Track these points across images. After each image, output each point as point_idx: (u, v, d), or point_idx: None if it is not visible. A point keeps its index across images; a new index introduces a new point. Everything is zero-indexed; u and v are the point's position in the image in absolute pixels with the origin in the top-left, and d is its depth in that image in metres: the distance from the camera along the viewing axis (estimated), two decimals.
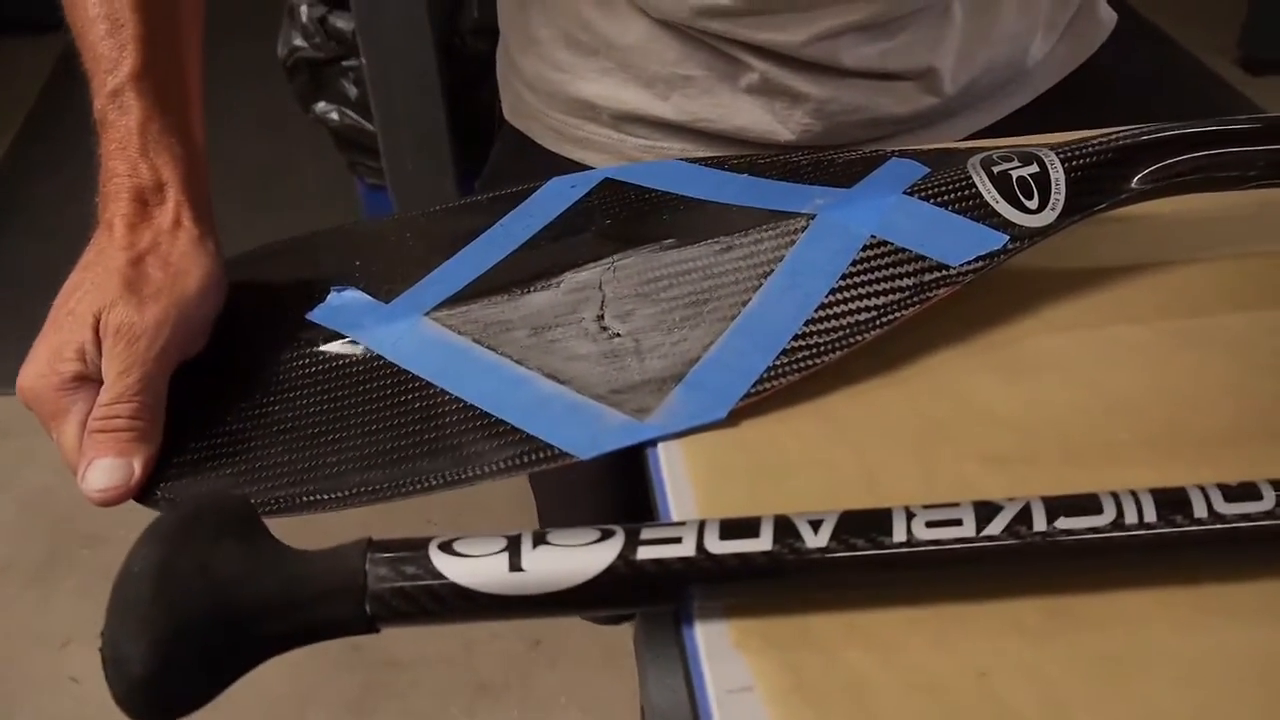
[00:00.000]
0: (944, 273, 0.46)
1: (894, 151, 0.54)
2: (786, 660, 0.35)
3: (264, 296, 0.54)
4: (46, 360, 0.47)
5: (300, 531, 0.39)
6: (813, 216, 0.48)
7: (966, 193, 0.48)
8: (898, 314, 0.46)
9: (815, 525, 0.35)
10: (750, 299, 0.46)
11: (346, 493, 0.44)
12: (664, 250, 0.48)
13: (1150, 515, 0.36)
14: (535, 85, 0.72)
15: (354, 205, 1.84)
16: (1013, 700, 0.34)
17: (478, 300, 0.48)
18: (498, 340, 0.47)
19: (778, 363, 0.44)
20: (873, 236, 0.47)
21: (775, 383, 0.44)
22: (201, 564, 0.34)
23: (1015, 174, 0.48)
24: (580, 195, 0.55)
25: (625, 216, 0.53)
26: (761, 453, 0.43)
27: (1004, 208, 0.47)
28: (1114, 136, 0.49)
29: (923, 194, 0.48)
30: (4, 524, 1.57)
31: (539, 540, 0.35)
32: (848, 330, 0.45)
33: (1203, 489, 0.36)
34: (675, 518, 0.40)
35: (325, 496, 0.44)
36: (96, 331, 0.46)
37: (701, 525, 0.35)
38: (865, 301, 0.46)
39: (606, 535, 0.35)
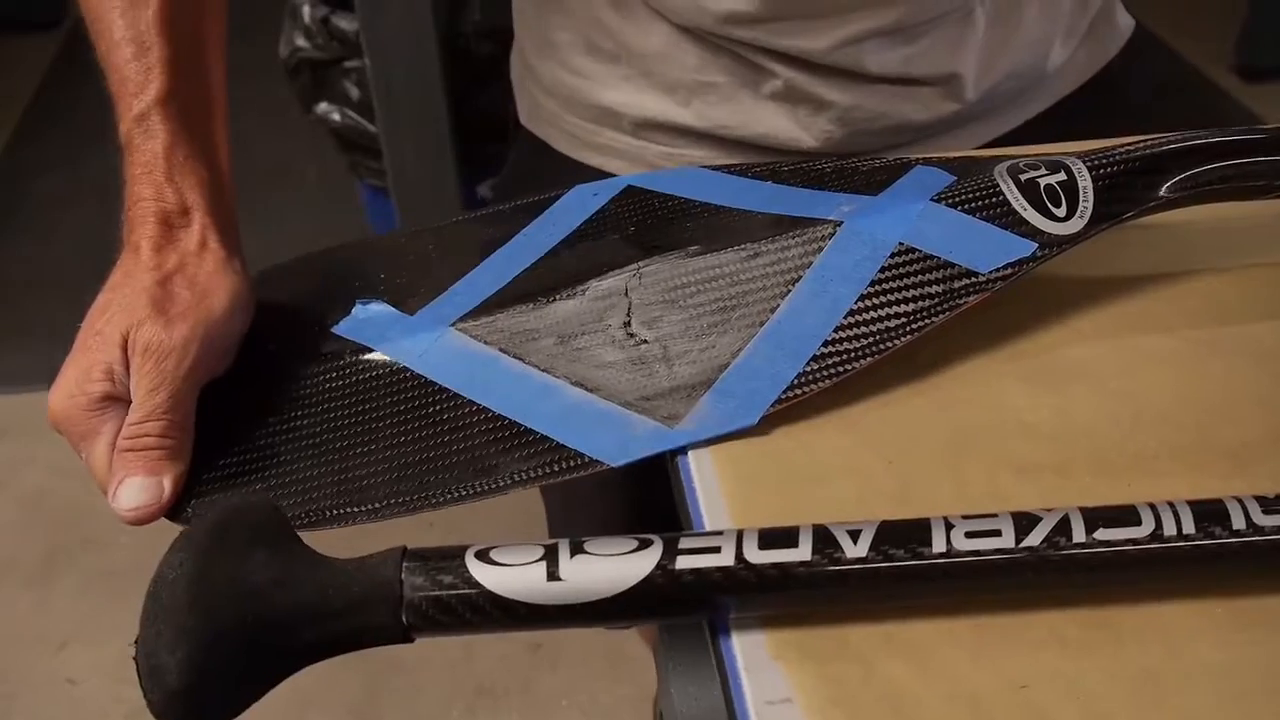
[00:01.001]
0: (973, 280, 0.46)
1: (919, 159, 0.54)
2: (825, 672, 0.35)
3: (289, 312, 0.54)
4: (75, 381, 0.46)
5: (318, 539, 0.38)
6: (839, 224, 0.48)
7: (994, 200, 0.48)
8: (928, 321, 0.45)
9: (854, 535, 0.35)
10: (779, 305, 0.46)
11: (376, 505, 0.44)
12: (690, 257, 0.48)
13: (1189, 527, 0.35)
14: (554, 91, 0.71)
15: (356, 207, 1.83)
16: (1053, 713, 0.34)
17: (503, 310, 0.48)
18: (524, 349, 0.47)
19: (808, 369, 0.44)
20: (901, 244, 0.47)
21: (806, 389, 0.44)
22: (235, 573, 0.34)
23: (1043, 182, 0.48)
24: (603, 203, 0.55)
25: (649, 224, 0.53)
26: (791, 461, 0.43)
27: (1032, 215, 0.47)
28: (1141, 145, 0.49)
29: (950, 201, 0.48)
30: (2, 524, 1.56)
31: (577, 549, 0.35)
32: (877, 337, 0.45)
33: (1240, 501, 0.36)
34: (709, 527, 0.40)
35: (355, 510, 0.44)
36: (125, 351, 0.46)
37: (740, 535, 0.35)
38: (895, 308, 0.45)
39: (644, 545, 0.35)
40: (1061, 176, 0.48)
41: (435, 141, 1.50)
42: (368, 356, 0.49)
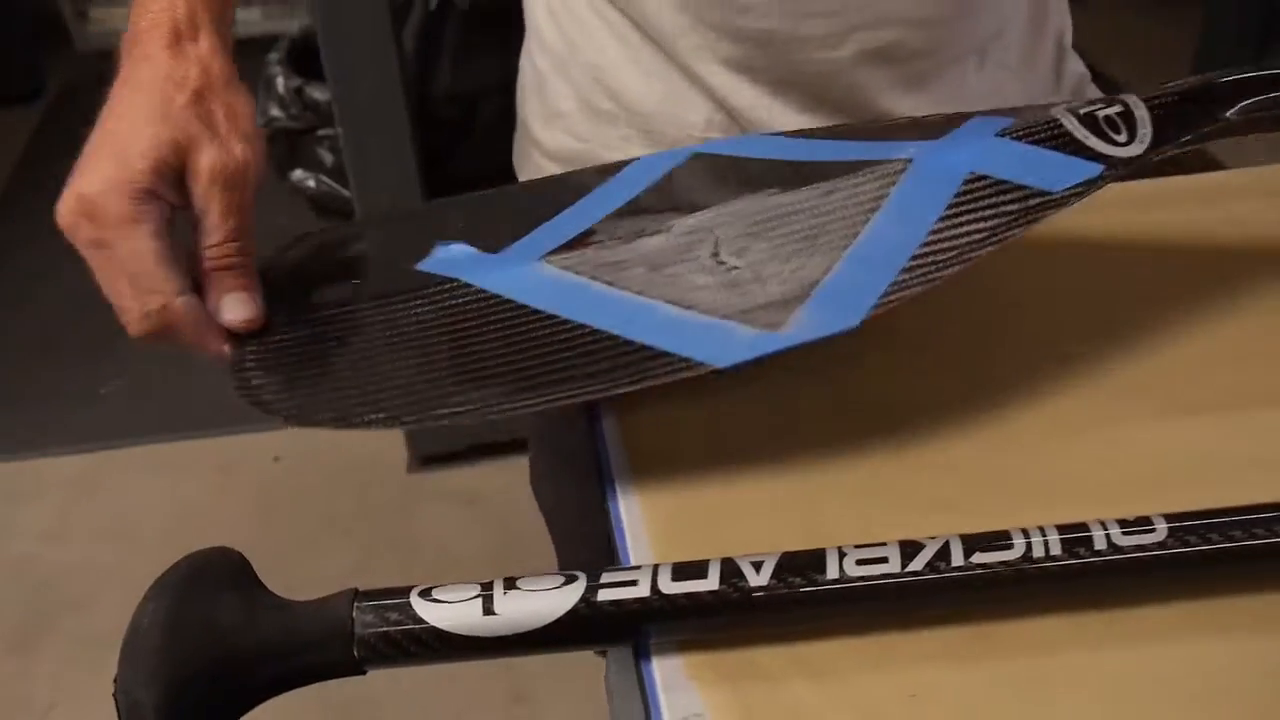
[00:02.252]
0: (1047, 197, 0.47)
1: (976, 113, 0.55)
2: (736, 689, 0.39)
3: (366, 258, 0.56)
4: (114, 168, 0.46)
5: (293, 584, 0.42)
6: (910, 160, 0.50)
7: (1057, 132, 0.50)
8: (1007, 234, 0.47)
9: (757, 566, 0.39)
10: (860, 231, 0.47)
11: (481, 405, 0.44)
12: (769, 196, 0.50)
13: (1056, 549, 0.40)
14: (558, 156, 0.77)
15: None
16: (939, 717, 0.38)
17: (590, 246, 0.50)
18: (617, 277, 0.48)
19: (900, 278, 0.45)
20: (972, 172, 0.48)
21: (902, 294, 0.45)
22: (205, 616, 0.38)
23: (1101, 114, 0.50)
24: (672, 166, 0.56)
25: (724, 176, 0.55)
26: (714, 500, 0.47)
27: (1095, 142, 0.49)
28: (1194, 81, 0.51)
29: (1015, 135, 0.50)
30: None
31: (509, 585, 0.39)
32: (962, 249, 0.46)
33: (1103, 523, 0.41)
34: (634, 562, 0.44)
35: (461, 406, 0.45)
36: (173, 157, 0.47)
37: (655, 569, 0.39)
38: (975, 225, 0.46)
39: (570, 580, 0.39)
40: (1119, 108, 0.50)
41: (406, 204, 1.55)
42: (457, 287, 0.50)
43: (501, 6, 1.85)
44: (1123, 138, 0.50)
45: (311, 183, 1.77)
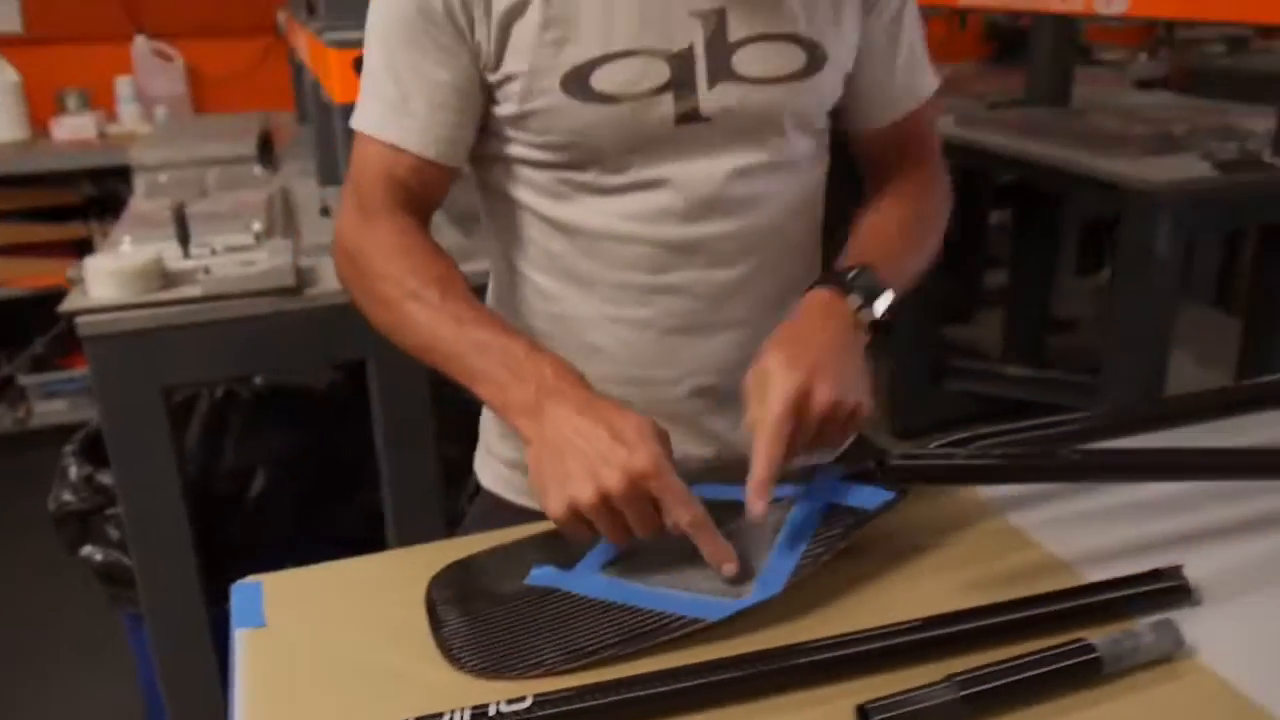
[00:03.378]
0: (867, 513, 0.84)
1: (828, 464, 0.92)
2: None
3: (492, 577, 0.86)
4: (657, 443, 0.79)
5: None
6: (795, 499, 0.85)
7: (871, 473, 0.84)
8: (849, 536, 0.82)
9: None
10: (775, 541, 0.82)
11: (579, 660, 0.75)
12: (723, 526, 0.81)
13: None
14: (515, 465, 1.05)
15: (119, 637, 2.03)
16: None
17: (626, 560, 0.83)
18: (646, 578, 0.81)
19: (801, 564, 0.80)
20: (828, 503, 0.85)
21: (800, 575, 0.79)
22: None
23: (893, 462, 0.83)
24: None
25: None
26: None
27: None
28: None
29: (848, 478, 0.87)
30: None
31: None
32: (828, 545, 0.81)
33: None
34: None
35: (566, 662, 0.75)
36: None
37: None
38: (833, 531, 0.82)
39: None
40: (900, 459, 0.83)
41: (183, 572, 1.75)
42: (555, 592, 0.81)
43: (283, 390, 2.16)
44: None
45: (99, 556, 1.95)
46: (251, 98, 3.59)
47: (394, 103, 0.93)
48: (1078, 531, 0.87)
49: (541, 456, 0.81)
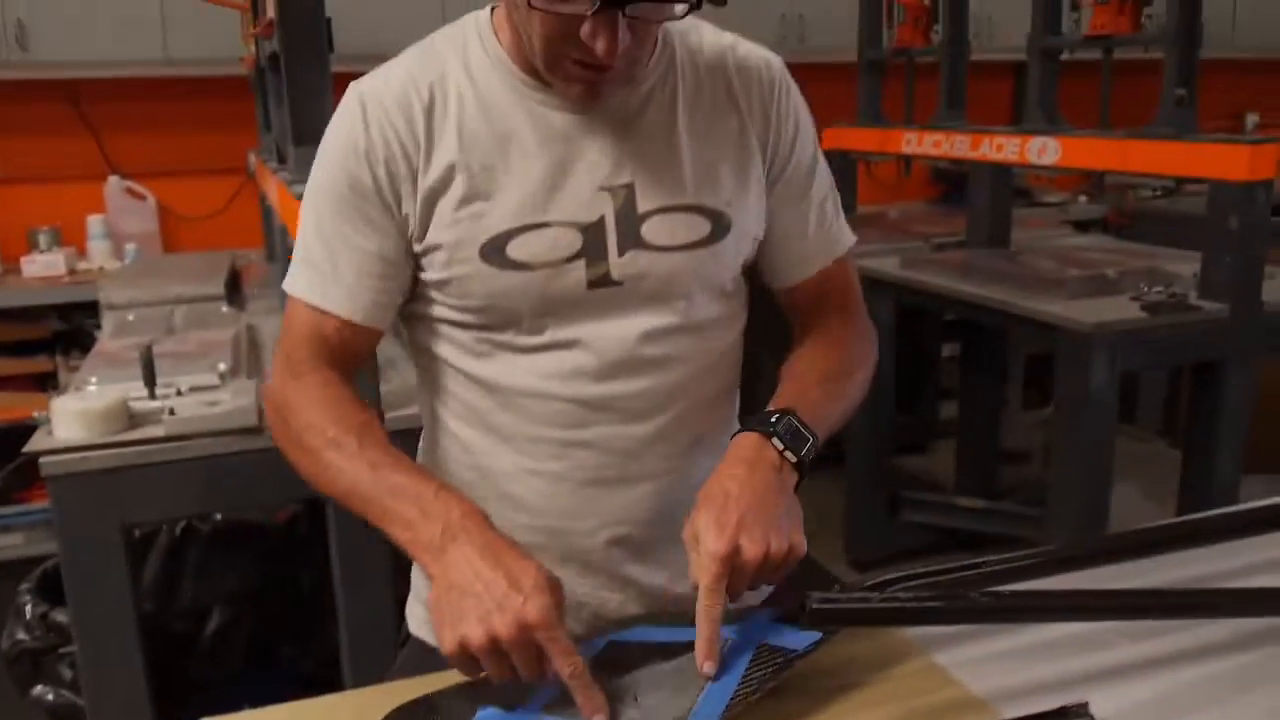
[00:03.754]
0: (796, 652, 0.88)
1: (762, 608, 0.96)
2: None
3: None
4: (548, 593, 0.84)
5: None
6: (729, 639, 0.89)
7: (798, 615, 0.90)
8: (780, 675, 0.86)
9: None
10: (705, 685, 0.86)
11: None
12: (658, 664, 0.88)
13: None
14: None
15: None
16: None
17: (568, 701, 0.85)
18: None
19: (732, 700, 0.84)
20: (762, 642, 0.89)
21: (733, 712, 0.84)
22: None
23: (815, 605, 0.88)
24: (595, 654, 0.92)
25: (630, 655, 0.91)
26: None
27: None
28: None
29: (779, 619, 0.91)
30: None
31: None
32: (759, 684, 0.85)
33: None
34: None
35: None
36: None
37: None
38: (764, 670, 0.86)
39: None
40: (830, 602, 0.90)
41: (136, 713, 1.75)
42: None
43: (242, 525, 2.19)
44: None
45: (51, 696, 1.94)
46: (222, 235, 3.69)
47: (323, 269, 1.00)
48: (995, 669, 0.92)
49: (441, 594, 0.87)
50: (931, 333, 3.74)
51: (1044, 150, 2.59)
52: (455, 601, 0.85)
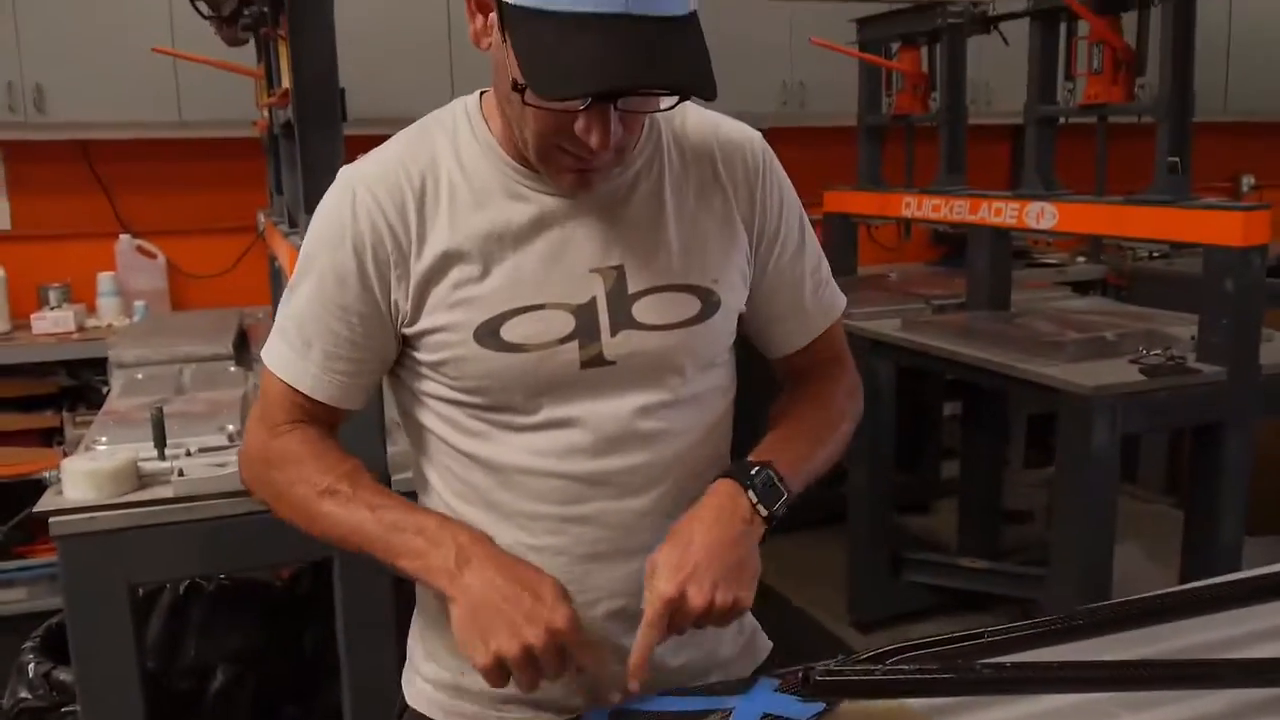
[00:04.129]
0: None
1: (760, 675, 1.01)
2: None
3: None
4: (566, 601, 0.91)
5: None
6: (730, 710, 0.93)
7: (802, 685, 0.94)
8: None
9: None
10: None
11: None
12: None
13: None
14: (441, 684, 1.10)
15: None
16: None
17: None
18: None
19: None
20: (764, 713, 0.92)
21: None
22: None
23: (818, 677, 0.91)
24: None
25: None
26: None
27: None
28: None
29: (781, 689, 0.95)
30: None
31: None
32: None
33: None
34: None
35: None
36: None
37: None
38: None
39: None
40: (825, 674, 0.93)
41: None
42: None
43: (246, 584, 2.19)
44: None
45: None
46: (231, 293, 3.73)
47: (296, 347, 1.03)
48: None
49: (465, 614, 0.92)
50: (933, 392, 3.76)
51: (1041, 215, 2.63)
52: (484, 619, 0.91)
